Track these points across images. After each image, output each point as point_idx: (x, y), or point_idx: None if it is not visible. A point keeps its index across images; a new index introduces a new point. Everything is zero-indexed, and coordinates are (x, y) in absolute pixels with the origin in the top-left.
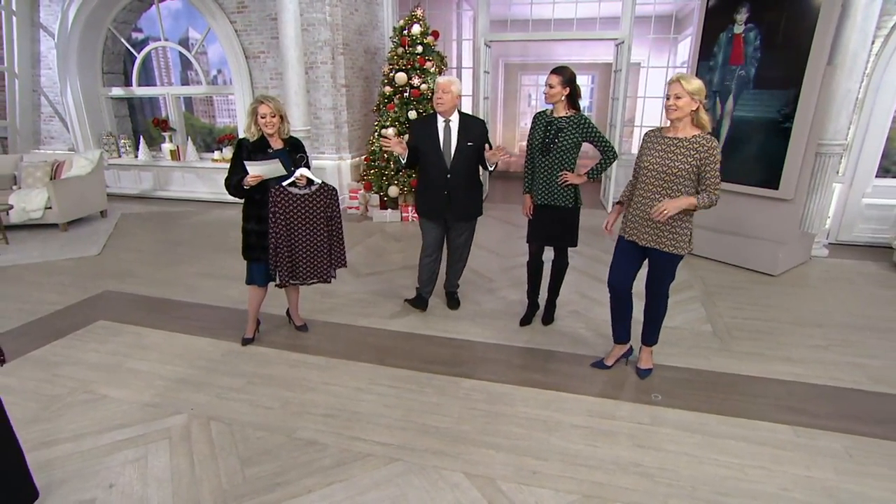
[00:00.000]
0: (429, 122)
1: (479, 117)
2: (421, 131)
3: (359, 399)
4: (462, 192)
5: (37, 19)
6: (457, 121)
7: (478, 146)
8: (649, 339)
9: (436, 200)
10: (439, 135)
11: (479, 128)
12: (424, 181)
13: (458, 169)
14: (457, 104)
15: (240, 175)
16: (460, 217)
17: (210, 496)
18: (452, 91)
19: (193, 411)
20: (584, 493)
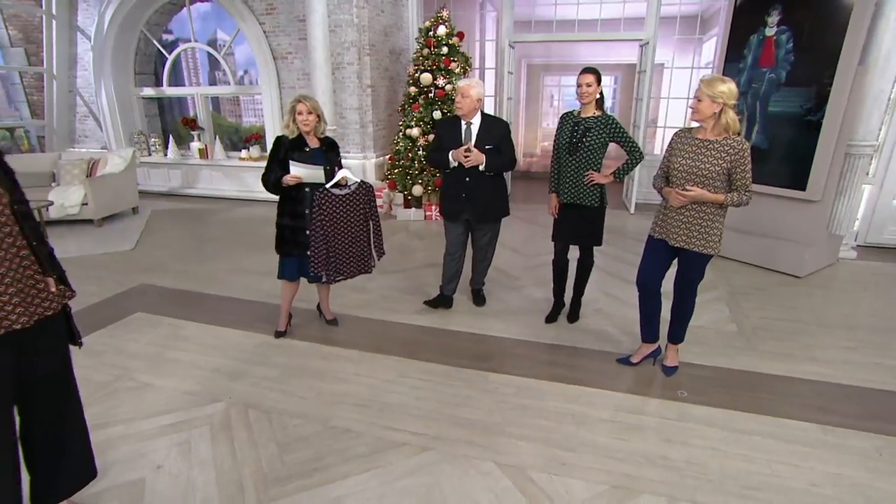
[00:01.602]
0: (452, 123)
1: (503, 119)
2: (444, 132)
3: (390, 390)
4: (481, 194)
5: (75, 22)
6: (478, 123)
7: (498, 148)
8: (676, 337)
9: (455, 202)
10: (461, 136)
11: (500, 129)
12: (446, 182)
13: (477, 171)
14: (477, 107)
15: (277, 173)
16: (480, 218)
17: (252, 479)
18: (472, 94)
19: (231, 399)
20: (612, 484)
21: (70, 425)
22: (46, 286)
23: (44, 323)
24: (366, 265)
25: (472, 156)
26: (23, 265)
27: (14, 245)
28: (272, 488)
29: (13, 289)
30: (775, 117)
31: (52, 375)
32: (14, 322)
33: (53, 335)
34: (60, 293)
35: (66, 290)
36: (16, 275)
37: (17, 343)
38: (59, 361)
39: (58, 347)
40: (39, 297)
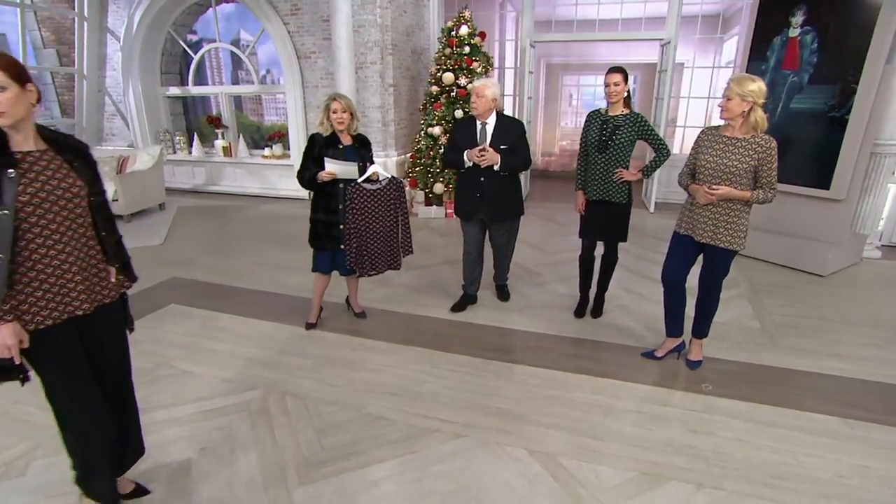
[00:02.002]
0: (468, 123)
1: (518, 119)
2: (460, 132)
3: (420, 380)
4: (496, 194)
5: (105, 24)
6: (493, 123)
7: (514, 148)
8: (700, 332)
9: (470, 201)
10: (476, 137)
11: (516, 130)
12: (461, 182)
13: (492, 171)
14: (492, 107)
15: (312, 170)
16: (495, 218)
17: (292, 462)
18: (487, 95)
19: (269, 388)
20: (641, 471)
21: (130, 405)
22: (108, 275)
23: (103, 309)
24: (395, 261)
25: (488, 155)
26: (90, 254)
27: (85, 235)
28: (312, 471)
29: (79, 276)
30: (799, 114)
31: (115, 358)
32: (77, 308)
33: (112, 322)
34: (119, 283)
35: (125, 280)
36: (83, 263)
37: (81, 327)
38: (119, 346)
39: (117, 333)
40: (101, 284)
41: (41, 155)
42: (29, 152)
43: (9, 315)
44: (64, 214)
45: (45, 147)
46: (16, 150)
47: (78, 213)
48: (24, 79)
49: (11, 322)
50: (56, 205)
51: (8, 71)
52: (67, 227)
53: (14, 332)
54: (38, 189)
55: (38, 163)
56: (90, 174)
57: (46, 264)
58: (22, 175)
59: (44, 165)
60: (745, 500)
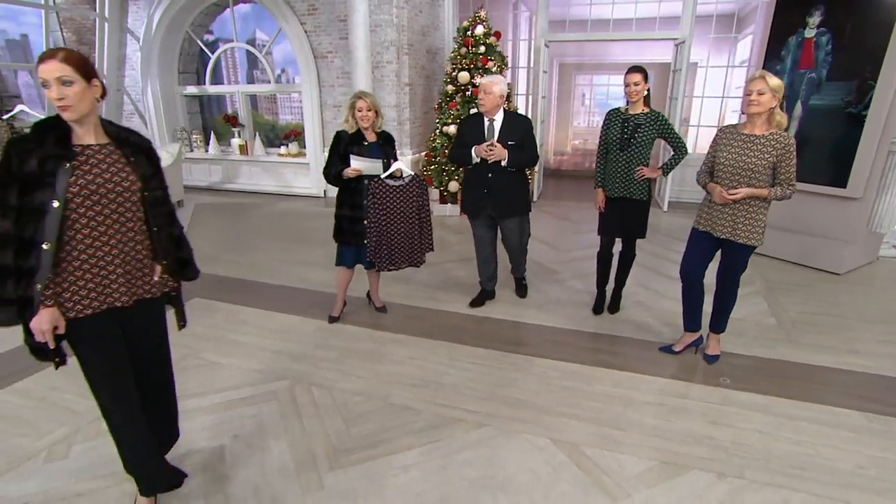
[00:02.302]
0: (475, 120)
1: (526, 116)
2: (467, 129)
3: (443, 372)
4: (503, 189)
5: (125, 24)
6: (500, 119)
7: (521, 144)
8: (718, 327)
9: (478, 197)
10: (484, 133)
11: (523, 126)
12: (468, 179)
13: (499, 167)
14: (499, 104)
15: (338, 166)
16: (503, 214)
17: (322, 449)
18: (494, 91)
19: (295, 379)
20: (662, 460)
21: (167, 397)
22: (151, 271)
23: (143, 304)
24: (416, 258)
25: (496, 151)
26: (136, 249)
27: (132, 230)
28: (342, 457)
29: (121, 269)
30: (815, 111)
31: (153, 353)
32: (116, 300)
33: (152, 317)
34: (162, 281)
35: (169, 280)
36: (126, 257)
37: (121, 319)
38: (157, 341)
39: (156, 328)
40: (143, 279)
41: (100, 149)
42: (88, 146)
43: (49, 301)
44: (112, 208)
45: (107, 141)
46: (77, 143)
47: (127, 208)
48: (90, 74)
49: (51, 308)
50: (105, 198)
51: (75, 66)
52: (114, 220)
53: (51, 317)
54: (88, 182)
55: (94, 156)
56: (149, 169)
57: (90, 255)
58: (76, 168)
59: (100, 159)
60: (766, 489)
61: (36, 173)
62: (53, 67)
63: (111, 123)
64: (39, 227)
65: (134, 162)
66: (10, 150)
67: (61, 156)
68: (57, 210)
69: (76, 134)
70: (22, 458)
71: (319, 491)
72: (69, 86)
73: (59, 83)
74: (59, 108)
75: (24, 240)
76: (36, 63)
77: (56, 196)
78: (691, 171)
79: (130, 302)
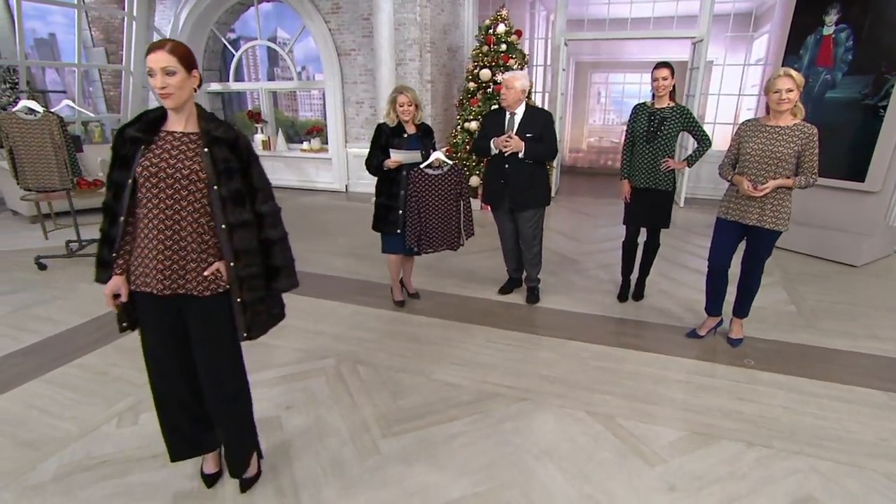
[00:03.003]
0: (497, 114)
1: (547, 110)
2: (489, 122)
3: (480, 353)
4: (520, 181)
5: (152, 23)
6: (521, 113)
7: (540, 137)
8: (741, 312)
9: (495, 188)
10: (504, 126)
11: (543, 119)
12: (487, 170)
13: (516, 159)
14: (521, 98)
15: (379, 158)
16: (520, 205)
17: (373, 418)
18: (516, 86)
19: (341, 358)
20: (693, 431)
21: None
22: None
23: (192, 302)
24: (453, 241)
25: (512, 142)
26: (185, 241)
27: (184, 220)
28: (393, 426)
29: (161, 256)
30: (833, 104)
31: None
32: (148, 285)
33: (203, 318)
34: (212, 280)
35: (219, 280)
36: (170, 244)
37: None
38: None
39: (208, 331)
40: (179, 273)
41: (180, 136)
42: (172, 132)
43: (118, 269)
44: (168, 193)
45: (194, 131)
46: (168, 129)
47: (182, 196)
48: (191, 65)
49: (117, 276)
50: (163, 182)
51: (179, 57)
52: (167, 206)
53: (113, 285)
54: (150, 164)
55: (170, 142)
56: (230, 163)
57: (144, 235)
58: (148, 151)
59: (173, 146)
60: (794, 457)
61: (126, 154)
62: (161, 58)
63: (209, 116)
64: (121, 201)
65: (207, 153)
66: (117, 133)
67: (141, 139)
68: (130, 187)
69: (169, 121)
70: (95, 424)
71: (376, 455)
72: (172, 75)
73: (163, 73)
74: (161, 95)
75: (114, 211)
76: (145, 53)
77: (129, 174)
78: (707, 168)
79: (166, 291)
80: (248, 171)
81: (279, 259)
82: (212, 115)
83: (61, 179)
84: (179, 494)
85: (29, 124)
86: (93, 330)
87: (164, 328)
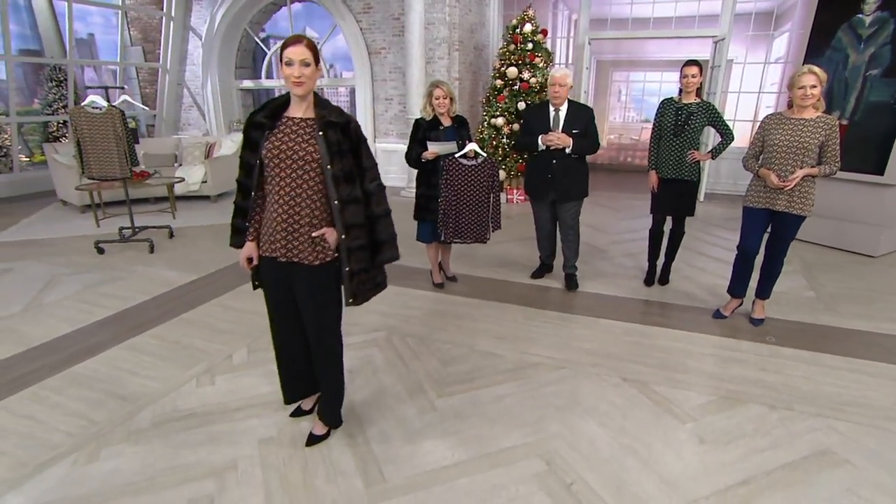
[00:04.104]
0: (541, 109)
1: (588, 105)
2: (533, 118)
3: (518, 328)
4: (565, 175)
5: (188, 23)
6: (565, 109)
7: (584, 132)
8: (764, 294)
9: (541, 182)
10: (549, 122)
11: (586, 115)
12: (532, 165)
13: (563, 154)
14: (567, 95)
15: (417, 150)
16: (564, 198)
17: (427, 381)
18: (567, 84)
19: (391, 331)
20: (721, 395)
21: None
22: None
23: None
24: (482, 234)
25: (560, 139)
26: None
27: (301, 195)
28: (445, 388)
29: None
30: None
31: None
32: (274, 251)
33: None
34: (322, 250)
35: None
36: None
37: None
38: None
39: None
40: (297, 242)
41: (299, 121)
42: (292, 118)
43: (250, 237)
44: (288, 172)
45: (311, 116)
46: (289, 115)
47: (300, 175)
48: (318, 60)
49: (249, 242)
50: (284, 162)
51: (313, 52)
52: (287, 183)
53: (247, 250)
54: (273, 147)
55: (291, 127)
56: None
57: (271, 208)
58: (272, 135)
59: (293, 130)
60: (814, 418)
61: (254, 138)
62: (300, 50)
63: (324, 103)
64: (251, 178)
65: (322, 136)
66: (247, 119)
67: (266, 125)
68: (257, 167)
69: (291, 108)
70: (177, 383)
71: (433, 412)
72: (307, 67)
73: (301, 64)
74: (295, 83)
75: (246, 187)
76: (282, 46)
77: (258, 156)
78: (727, 164)
79: (286, 257)
80: (357, 151)
81: (383, 233)
82: (326, 102)
83: (121, 168)
84: (263, 440)
85: (95, 117)
86: (158, 305)
87: (282, 289)
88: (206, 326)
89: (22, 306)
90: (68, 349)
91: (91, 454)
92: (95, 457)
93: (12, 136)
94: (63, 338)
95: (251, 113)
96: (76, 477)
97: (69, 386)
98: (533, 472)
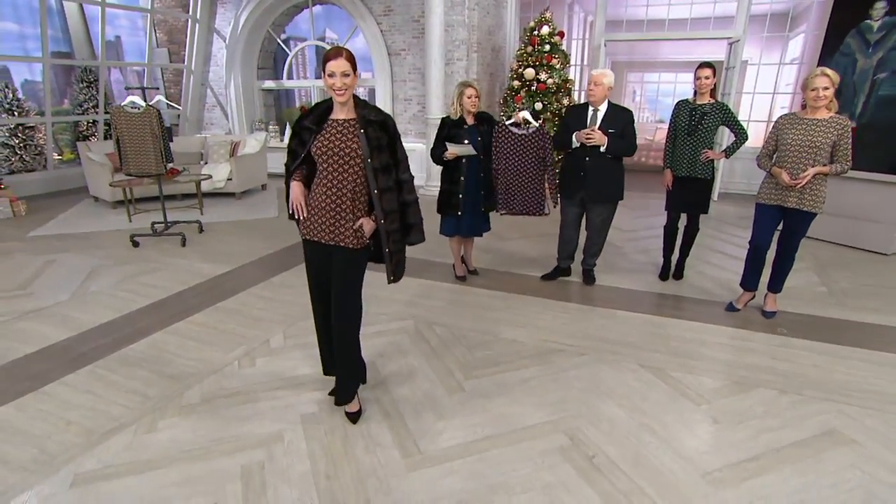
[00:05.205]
0: (581, 109)
1: (628, 108)
2: (572, 117)
3: (539, 318)
4: (598, 175)
5: (213, 25)
6: (604, 109)
7: (621, 134)
8: (776, 287)
9: (574, 179)
10: (587, 121)
11: (625, 117)
12: (566, 162)
13: (597, 153)
14: (607, 95)
15: (441, 149)
16: (594, 198)
17: (454, 365)
18: (604, 83)
19: (417, 320)
20: (733, 381)
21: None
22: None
23: (342, 251)
24: (537, 207)
25: (595, 135)
26: (344, 203)
27: (345, 187)
28: (472, 371)
29: (328, 213)
30: (878, 101)
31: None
32: (318, 235)
33: (344, 264)
34: (358, 234)
35: (364, 238)
36: (335, 206)
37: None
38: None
39: (345, 274)
40: (340, 227)
41: (343, 122)
42: (336, 120)
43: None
44: (334, 167)
45: (352, 117)
46: (333, 118)
47: (345, 169)
48: (356, 68)
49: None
50: (331, 158)
51: (352, 63)
52: (334, 176)
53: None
54: (321, 146)
55: (336, 128)
56: (381, 140)
57: (317, 198)
58: (319, 135)
59: (338, 130)
60: (823, 402)
61: (303, 137)
62: (341, 63)
63: (363, 104)
64: (295, 162)
65: (363, 134)
66: (296, 122)
67: (313, 129)
68: (301, 157)
69: (334, 111)
70: (221, 364)
71: (461, 392)
72: (347, 77)
73: (342, 75)
74: (337, 92)
75: (291, 170)
76: (324, 59)
77: (305, 151)
78: (740, 164)
79: (331, 241)
80: (393, 145)
81: (413, 217)
82: (365, 102)
83: (157, 165)
84: (305, 417)
85: (133, 117)
86: (195, 295)
87: (324, 269)
88: (242, 314)
89: (69, 294)
90: (117, 333)
91: (149, 425)
92: (153, 427)
93: (47, 135)
94: (110, 323)
95: (299, 117)
96: (138, 444)
97: (121, 366)
98: (557, 445)
